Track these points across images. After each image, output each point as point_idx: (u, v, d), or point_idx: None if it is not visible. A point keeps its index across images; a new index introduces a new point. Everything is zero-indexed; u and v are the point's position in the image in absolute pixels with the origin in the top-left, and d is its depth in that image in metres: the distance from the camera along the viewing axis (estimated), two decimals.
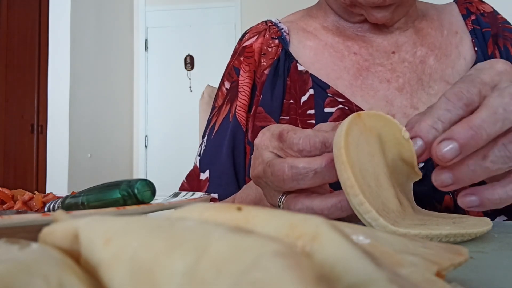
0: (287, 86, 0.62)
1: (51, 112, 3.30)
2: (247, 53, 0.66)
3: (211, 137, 0.65)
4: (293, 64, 0.63)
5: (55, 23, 3.31)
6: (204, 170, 0.64)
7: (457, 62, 0.62)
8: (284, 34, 0.66)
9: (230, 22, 4.19)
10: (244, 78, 0.65)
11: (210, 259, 0.11)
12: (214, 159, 0.63)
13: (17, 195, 0.42)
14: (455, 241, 0.30)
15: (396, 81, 0.60)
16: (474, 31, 0.64)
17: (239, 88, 0.64)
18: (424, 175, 0.53)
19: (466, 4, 0.67)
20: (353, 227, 0.18)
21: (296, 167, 0.32)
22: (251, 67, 0.65)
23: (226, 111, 0.65)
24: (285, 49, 0.64)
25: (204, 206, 0.16)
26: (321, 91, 0.60)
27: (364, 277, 0.12)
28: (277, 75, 0.63)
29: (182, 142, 4.06)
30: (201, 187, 0.63)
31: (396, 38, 0.63)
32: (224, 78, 0.69)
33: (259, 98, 0.62)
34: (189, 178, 0.65)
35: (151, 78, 4.28)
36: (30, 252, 0.14)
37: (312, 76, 0.61)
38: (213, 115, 0.67)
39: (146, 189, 0.33)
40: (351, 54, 0.63)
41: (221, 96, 0.67)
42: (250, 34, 0.68)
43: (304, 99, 0.60)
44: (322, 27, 0.66)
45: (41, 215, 0.26)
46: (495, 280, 0.22)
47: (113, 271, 0.12)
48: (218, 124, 0.65)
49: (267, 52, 0.65)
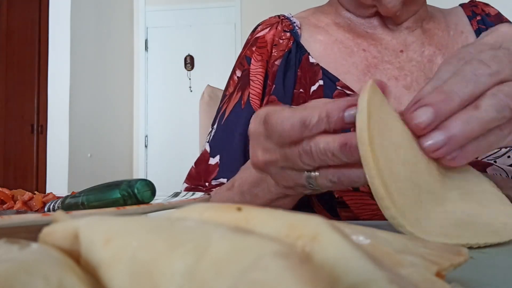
0: (298, 76, 0.63)
1: (51, 112, 3.29)
2: (260, 44, 0.67)
3: (221, 123, 0.65)
4: (305, 56, 0.64)
5: (55, 23, 3.31)
6: (214, 155, 0.64)
7: None
8: (296, 27, 0.67)
9: (230, 22, 4.19)
10: (256, 67, 0.66)
11: (210, 259, 0.11)
12: (226, 145, 0.63)
13: (17, 195, 0.42)
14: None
15: (404, 79, 0.61)
16: (479, 31, 0.66)
17: (251, 76, 0.65)
18: None
19: (471, 7, 0.69)
20: (353, 227, 0.18)
21: (319, 147, 0.31)
22: (264, 57, 0.66)
23: (237, 98, 0.66)
24: (296, 41, 0.65)
25: (204, 206, 0.16)
26: (331, 83, 0.61)
27: (364, 277, 0.12)
28: (288, 66, 0.64)
29: (182, 142, 4.06)
30: (209, 171, 0.63)
31: (404, 37, 0.65)
32: (235, 68, 0.70)
33: (272, 88, 0.63)
34: (197, 163, 0.66)
35: (151, 78, 4.28)
36: (30, 252, 0.14)
37: (322, 68, 0.62)
38: (224, 102, 0.68)
39: (146, 189, 0.33)
40: (360, 51, 0.64)
41: (232, 84, 0.68)
42: (262, 26, 0.70)
43: (314, 88, 0.61)
44: (334, 23, 0.68)
45: (41, 215, 0.26)
46: (495, 280, 0.22)
47: (113, 271, 0.12)
48: (229, 110, 0.66)
49: (278, 43, 0.66)
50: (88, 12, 3.55)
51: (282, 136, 0.32)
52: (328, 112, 0.30)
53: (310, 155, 0.31)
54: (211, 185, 0.62)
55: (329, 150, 0.30)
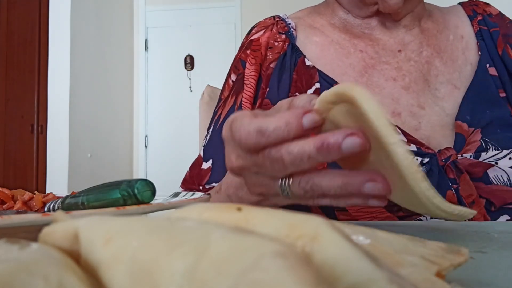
0: (293, 79, 0.63)
1: (51, 112, 3.29)
2: (254, 46, 0.67)
3: (216, 127, 0.65)
4: (301, 59, 0.63)
5: (55, 23, 3.31)
6: (207, 159, 0.64)
7: (464, 68, 0.63)
8: (292, 29, 0.66)
9: (230, 22, 4.19)
10: (250, 70, 0.65)
11: (210, 260, 0.11)
12: (218, 150, 0.63)
13: (17, 195, 0.42)
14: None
15: (402, 79, 0.61)
16: (480, 32, 0.65)
17: (245, 80, 0.65)
18: (430, 170, 0.53)
19: (472, 6, 0.68)
20: (353, 227, 0.18)
21: (292, 153, 0.30)
22: (257, 60, 0.65)
23: (231, 102, 0.66)
24: (292, 43, 0.65)
25: (204, 206, 0.16)
26: (328, 86, 0.61)
27: (364, 277, 0.12)
28: (283, 69, 0.63)
29: (182, 142, 4.06)
30: (202, 176, 0.63)
31: (402, 37, 0.64)
32: (230, 71, 0.69)
33: (265, 91, 0.63)
34: (192, 167, 0.66)
35: (151, 78, 4.28)
36: (30, 252, 0.14)
37: (319, 71, 0.62)
38: (219, 106, 0.68)
39: (146, 189, 0.33)
40: (357, 52, 0.64)
41: (227, 88, 0.68)
42: (257, 28, 0.69)
43: (310, 92, 0.61)
44: (329, 24, 0.67)
45: (41, 215, 0.26)
46: (495, 280, 0.22)
47: (113, 271, 0.12)
48: (224, 115, 0.66)
49: (273, 46, 0.66)
50: (88, 12, 3.55)
51: (241, 144, 0.32)
52: (287, 121, 0.30)
53: (281, 162, 0.31)
54: (205, 189, 0.62)
55: (304, 153, 0.30)
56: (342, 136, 0.29)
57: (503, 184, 0.55)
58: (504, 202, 0.54)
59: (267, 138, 0.30)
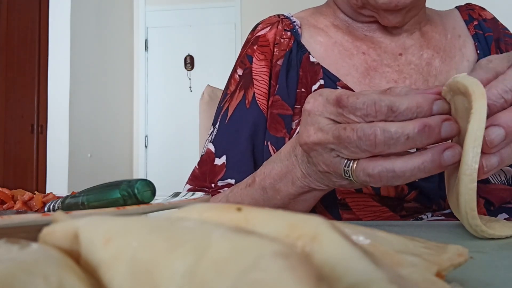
0: (300, 76, 0.63)
1: (51, 112, 3.29)
2: (261, 42, 0.67)
3: (225, 122, 0.65)
4: (305, 56, 0.64)
5: (55, 23, 3.30)
6: (220, 155, 0.63)
7: (461, 64, 0.64)
8: (297, 27, 0.67)
9: (230, 22, 4.19)
10: (260, 66, 0.65)
11: (210, 260, 0.11)
12: (232, 145, 0.63)
13: (17, 195, 0.42)
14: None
15: (403, 82, 0.62)
16: (476, 36, 0.66)
17: (254, 75, 0.65)
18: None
19: (468, 11, 0.70)
20: (353, 227, 0.19)
21: (389, 131, 0.32)
22: (267, 56, 0.66)
23: (240, 97, 0.65)
24: (297, 41, 0.65)
25: (204, 206, 0.16)
26: (331, 83, 0.61)
27: (364, 277, 0.12)
28: (290, 66, 0.64)
29: (182, 142, 4.06)
30: (216, 172, 0.63)
31: (403, 41, 0.65)
32: (236, 66, 0.69)
33: (276, 88, 0.63)
34: (201, 163, 0.65)
35: (151, 78, 4.28)
36: (30, 252, 0.14)
37: (323, 68, 0.62)
38: (225, 101, 0.68)
39: (146, 189, 0.33)
40: (359, 54, 0.64)
41: (233, 83, 0.68)
42: (263, 25, 0.70)
43: (315, 87, 0.62)
44: (332, 25, 0.68)
45: (41, 215, 0.26)
46: (495, 280, 0.22)
47: (113, 271, 0.12)
48: (232, 109, 0.65)
49: (280, 42, 0.66)
50: (88, 12, 3.55)
51: (356, 112, 0.33)
52: (418, 103, 0.32)
53: (373, 139, 0.32)
54: (217, 186, 0.62)
55: (403, 134, 0.31)
56: (441, 120, 0.31)
57: (501, 183, 0.55)
58: (502, 201, 0.55)
59: (395, 115, 0.32)
